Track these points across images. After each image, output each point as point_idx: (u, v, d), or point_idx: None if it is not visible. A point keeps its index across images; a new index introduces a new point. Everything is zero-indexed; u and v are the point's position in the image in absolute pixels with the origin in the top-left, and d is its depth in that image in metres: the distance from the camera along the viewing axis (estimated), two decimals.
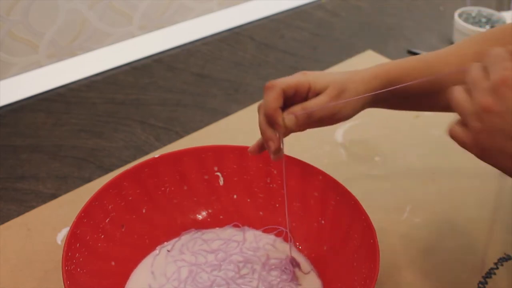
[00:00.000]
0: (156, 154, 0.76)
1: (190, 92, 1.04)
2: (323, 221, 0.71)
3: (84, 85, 1.04)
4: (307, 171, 0.72)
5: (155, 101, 1.01)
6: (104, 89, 1.04)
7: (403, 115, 0.97)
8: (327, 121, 0.64)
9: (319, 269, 0.69)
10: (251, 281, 0.67)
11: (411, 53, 1.15)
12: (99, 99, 1.01)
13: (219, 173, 0.75)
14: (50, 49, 1.07)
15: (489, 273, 0.71)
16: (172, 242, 0.73)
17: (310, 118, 0.62)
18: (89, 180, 0.83)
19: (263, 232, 0.74)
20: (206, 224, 0.75)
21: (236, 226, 0.75)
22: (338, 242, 0.69)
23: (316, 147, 0.89)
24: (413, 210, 0.80)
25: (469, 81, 0.50)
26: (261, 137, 0.65)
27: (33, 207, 0.78)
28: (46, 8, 1.03)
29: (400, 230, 0.77)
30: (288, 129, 0.62)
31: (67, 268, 0.59)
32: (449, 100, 0.51)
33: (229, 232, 0.74)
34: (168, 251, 0.71)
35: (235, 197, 0.76)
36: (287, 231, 0.73)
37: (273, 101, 0.61)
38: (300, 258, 0.71)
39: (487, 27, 1.15)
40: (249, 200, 0.75)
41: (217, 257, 0.71)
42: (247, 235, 0.74)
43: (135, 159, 0.87)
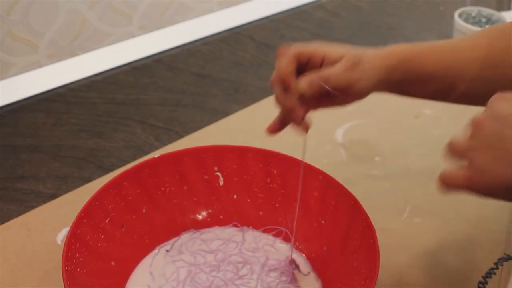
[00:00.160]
0: (156, 154, 0.76)
1: (190, 92, 1.04)
2: (323, 221, 0.71)
3: (84, 85, 1.04)
4: (307, 171, 0.72)
5: (155, 101, 1.01)
6: (104, 89, 1.04)
7: (403, 115, 0.97)
8: (341, 98, 0.62)
9: (319, 269, 0.69)
10: (250, 282, 0.67)
11: None
12: (99, 99, 1.01)
13: (219, 173, 0.75)
14: (50, 49, 1.07)
15: (489, 273, 0.71)
16: (171, 242, 0.72)
17: (325, 85, 0.60)
18: (89, 180, 0.83)
19: (263, 232, 0.74)
20: (206, 224, 0.75)
21: (235, 226, 0.75)
22: (338, 242, 0.69)
23: (316, 147, 0.89)
24: (413, 210, 0.80)
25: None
26: (279, 114, 0.63)
27: (33, 207, 0.78)
28: (46, 8, 1.03)
29: (400, 230, 0.77)
30: (301, 96, 0.60)
31: (67, 268, 0.59)
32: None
33: (228, 232, 0.74)
34: (167, 251, 0.71)
35: (235, 197, 0.76)
36: (291, 235, 0.73)
37: (286, 65, 0.60)
38: (300, 258, 0.71)
39: (487, 27, 1.15)
40: (249, 200, 0.75)
41: (216, 257, 0.71)
42: (246, 236, 0.74)
43: (135, 159, 0.87)
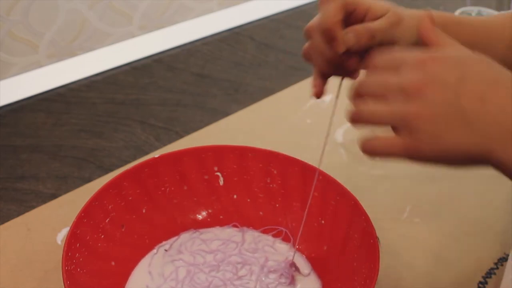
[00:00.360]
0: (156, 154, 0.76)
1: (190, 92, 1.04)
2: (323, 221, 0.71)
3: (84, 85, 1.04)
4: (307, 171, 0.72)
5: (155, 101, 1.01)
6: (104, 89, 1.04)
7: None
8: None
9: (319, 269, 0.69)
10: (249, 283, 0.67)
11: None
12: (99, 99, 1.01)
13: (219, 173, 0.75)
14: (50, 49, 1.07)
15: (489, 273, 0.71)
16: (170, 242, 0.72)
17: (372, 39, 0.57)
18: (89, 180, 0.83)
19: (263, 232, 0.74)
20: (206, 224, 0.75)
21: (235, 226, 0.75)
22: (338, 242, 0.69)
23: (316, 147, 0.89)
24: (413, 210, 0.80)
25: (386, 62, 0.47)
26: (317, 71, 0.59)
27: (33, 207, 0.78)
28: (46, 8, 1.03)
29: (400, 230, 0.77)
30: (348, 48, 0.56)
31: (67, 268, 0.59)
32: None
33: (228, 232, 0.74)
34: (165, 250, 0.71)
35: (235, 197, 0.76)
36: (291, 235, 0.73)
37: (334, 13, 0.55)
38: (299, 259, 0.71)
39: None
40: (249, 200, 0.75)
41: (216, 257, 0.71)
42: (246, 236, 0.74)
43: (135, 159, 0.87)
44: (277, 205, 0.74)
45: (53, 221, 0.76)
